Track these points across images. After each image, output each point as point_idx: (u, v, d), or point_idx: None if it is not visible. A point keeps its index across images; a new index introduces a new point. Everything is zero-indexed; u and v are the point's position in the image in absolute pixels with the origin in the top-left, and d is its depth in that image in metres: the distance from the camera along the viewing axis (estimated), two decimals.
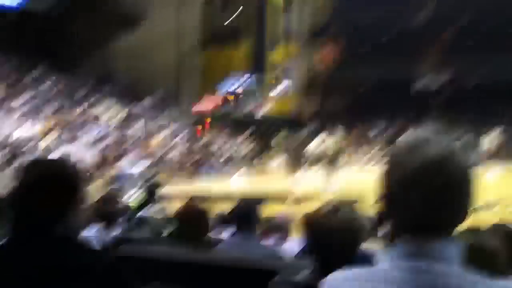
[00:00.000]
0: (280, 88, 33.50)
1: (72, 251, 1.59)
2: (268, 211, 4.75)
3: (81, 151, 19.45)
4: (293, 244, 4.04)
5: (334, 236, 1.97)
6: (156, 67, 31.28)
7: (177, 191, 16.60)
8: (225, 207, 7.61)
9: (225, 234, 5.21)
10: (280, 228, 4.41)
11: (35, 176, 1.61)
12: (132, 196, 13.92)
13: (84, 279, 1.53)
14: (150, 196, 12.65)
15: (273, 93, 31.96)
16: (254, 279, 2.62)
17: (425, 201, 1.08)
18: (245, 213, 3.41)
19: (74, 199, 1.64)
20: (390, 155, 1.16)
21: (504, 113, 30.28)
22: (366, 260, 2.82)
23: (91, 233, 4.67)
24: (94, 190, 10.87)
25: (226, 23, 33.67)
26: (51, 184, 1.60)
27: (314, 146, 17.29)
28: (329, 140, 16.85)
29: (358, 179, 19.68)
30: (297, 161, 16.76)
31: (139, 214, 6.36)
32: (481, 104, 30.93)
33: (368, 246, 3.45)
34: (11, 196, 1.65)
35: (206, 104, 23.58)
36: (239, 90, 23.42)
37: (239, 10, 31.56)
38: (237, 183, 20.04)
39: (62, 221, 1.61)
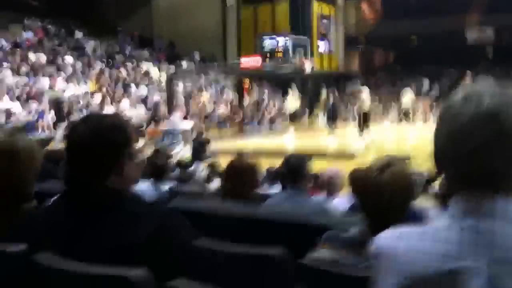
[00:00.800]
0: (324, 44, 32.87)
1: (125, 202, 1.61)
2: (317, 167, 4.74)
3: (131, 108, 19.78)
4: (342, 200, 4.03)
5: (385, 193, 1.94)
6: (200, 25, 31.09)
7: (225, 147, 16.80)
8: (274, 163, 7.69)
9: (274, 189, 5.26)
10: (329, 184, 4.40)
11: (87, 131, 1.63)
12: (182, 151, 14.18)
13: (137, 229, 1.55)
14: (200, 151, 12.85)
15: (318, 50, 31.35)
16: (304, 235, 2.63)
17: (482, 154, 1.03)
18: (294, 169, 3.40)
19: (125, 153, 1.66)
20: (444, 108, 1.12)
21: None
22: (418, 217, 2.81)
23: (144, 187, 4.79)
24: (145, 146, 11.08)
25: None
26: (102, 139, 1.62)
27: (364, 102, 17.12)
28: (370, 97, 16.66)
29: (406, 135, 19.56)
30: (343, 117, 16.59)
31: (190, 168, 6.47)
32: None
33: (420, 203, 3.43)
34: (65, 151, 1.68)
35: (253, 60, 23.40)
36: (285, 47, 23.10)
37: None
38: (286, 139, 20.03)
39: (115, 175, 1.64)
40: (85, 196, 1.61)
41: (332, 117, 18.20)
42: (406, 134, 19.90)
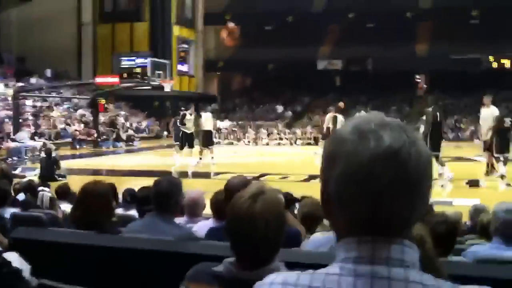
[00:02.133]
0: (184, 66, 32.97)
1: None
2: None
3: None
4: (205, 224, 3.85)
5: (259, 224, 1.77)
6: (53, 41, 29.64)
7: (78, 166, 15.98)
8: (132, 183, 7.37)
9: (134, 211, 4.94)
10: (191, 206, 4.19)
11: None
12: (29, 172, 13.18)
13: None
14: (49, 171, 12.02)
15: (176, 71, 31.32)
16: (170, 265, 2.42)
17: (381, 197, 0.91)
18: (166, 193, 3.17)
19: None
20: (333, 144, 0.97)
21: (396, 95, 32.18)
22: (291, 241, 2.73)
23: None
24: None
25: None
26: None
27: (220, 123, 17.29)
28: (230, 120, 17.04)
29: (264, 155, 20.25)
30: (204, 137, 16.55)
31: (39, 189, 5.90)
32: (375, 87, 32.50)
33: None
34: None
35: (109, 78, 22.70)
36: (143, 66, 22.75)
37: None
38: (144, 159, 19.56)
39: None
40: None
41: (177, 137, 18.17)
42: (262, 153, 20.82)
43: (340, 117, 14.87)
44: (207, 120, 16.65)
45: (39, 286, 2.19)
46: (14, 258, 2.35)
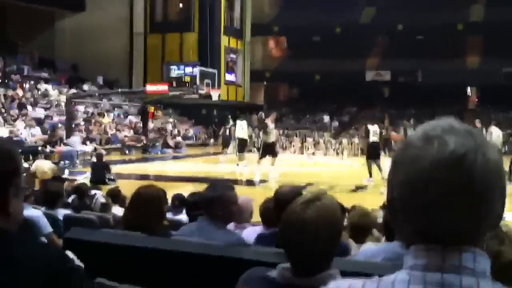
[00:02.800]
0: (231, 76, 33.20)
1: (11, 246, 1.32)
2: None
3: (26, 129, 18.74)
4: (253, 231, 3.84)
5: (310, 230, 1.74)
6: (106, 49, 30.41)
7: (127, 171, 16.28)
8: (180, 189, 7.48)
9: (183, 216, 5.00)
10: (240, 213, 4.18)
11: None
12: (80, 175, 13.50)
13: (25, 280, 1.27)
14: (100, 175, 12.28)
15: (224, 80, 31.58)
16: (221, 269, 2.42)
17: (443, 206, 0.89)
18: (217, 197, 3.19)
19: (13, 185, 1.37)
20: (401, 149, 0.95)
21: (445, 108, 31.53)
22: (343, 253, 2.69)
23: (36, 215, 4.36)
24: (42, 168, 10.44)
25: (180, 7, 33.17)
26: None
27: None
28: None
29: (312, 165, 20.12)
30: (248, 145, 16.77)
31: (92, 193, 6.04)
32: (424, 99, 31.91)
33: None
34: None
35: (158, 87, 23.14)
36: (192, 76, 23.07)
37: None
38: (191, 165, 19.79)
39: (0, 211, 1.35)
40: None
41: (227, 144, 18.59)
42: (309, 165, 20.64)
43: (372, 128, 14.68)
44: (241, 128, 17.17)
45: (97, 285, 2.23)
46: (72, 257, 2.39)
